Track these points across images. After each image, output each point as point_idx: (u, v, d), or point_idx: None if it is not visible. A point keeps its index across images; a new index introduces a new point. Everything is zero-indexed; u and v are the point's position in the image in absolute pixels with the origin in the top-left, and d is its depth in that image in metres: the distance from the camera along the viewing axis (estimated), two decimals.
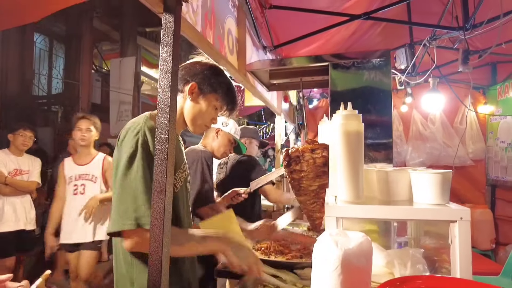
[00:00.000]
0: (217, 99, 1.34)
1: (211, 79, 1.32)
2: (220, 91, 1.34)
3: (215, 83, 1.32)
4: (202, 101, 1.31)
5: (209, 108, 1.32)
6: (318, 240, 0.92)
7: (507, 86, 4.28)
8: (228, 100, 1.37)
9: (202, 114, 1.32)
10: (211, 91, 1.31)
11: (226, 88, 1.35)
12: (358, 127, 1.18)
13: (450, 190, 1.12)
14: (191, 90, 1.28)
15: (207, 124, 1.36)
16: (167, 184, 0.94)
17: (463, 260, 0.97)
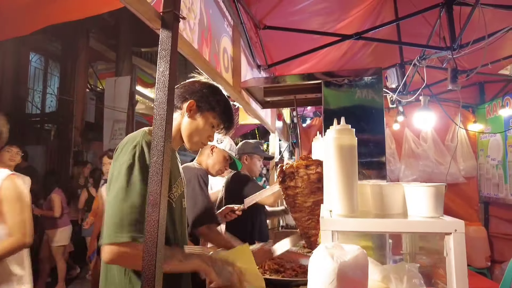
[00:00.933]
0: (215, 117, 1.36)
1: (209, 97, 1.34)
2: (218, 109, 1.36)
3: (213, 101, 1.35)
4: (199, 118, 1.33)
5: (206, 125, 1.34)
6: (313, 253, 0.91)
7: (495, 105, 4.39)
8: (225, 119, 1.39)
9: (199, 131, 1.33)
10: (208, 109, 1.34)
11: (223, 107, 1.38)
12: (352, 141, 1.19)
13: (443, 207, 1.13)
14: (189, 107, 1.31)
15: (204, 141, 1.38)
16: (162, 197, 0.93)
17: (459, 272, 0.97)
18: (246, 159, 2.85)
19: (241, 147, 2.89)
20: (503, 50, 3.38)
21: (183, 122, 1.33)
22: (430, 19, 2.92)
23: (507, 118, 4.14)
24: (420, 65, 2.93)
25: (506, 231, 4.27)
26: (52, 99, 8.52)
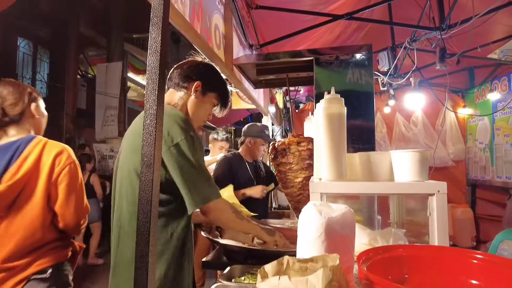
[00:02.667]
0: (216, 98, 1.47)
1: (214, 79, 1.47)
2: (220, 90, 1.47)
3: (217, 84, 1.47)
4: (203, 98, 1.44)
5: (208, 104, 1.46)
6: (302, 210, 0.95)
7: (483, 89, 4.47)
8: (225, 100, 1.51)
9: (202, 109, 1.45)
10: (212, 90, 1.44)
11: (224, 88, 1.50)
12: (340, 110, 1.23)
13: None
14: (196, 88, 1.40)
15: (205, 119, 1.49)
16: (156, 158, 0.96)
17: (441, 229, 1.02)
18: (249, 142, 2.84)
19: (246, 129, 2.88)
20: (492, 34, 3.43)
21: (189, 101, 1.42)
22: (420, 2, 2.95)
23: (495, 102, 4.23)
24: (411, 47, 2.96)
25: (491, 212, 4.40)
26: (42, 86, 8.39)
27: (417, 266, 0.92)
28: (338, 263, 0.71)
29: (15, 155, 1.42)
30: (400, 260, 0.93)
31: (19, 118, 1.51)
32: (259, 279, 0.76)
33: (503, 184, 4.09)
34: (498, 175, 4.18)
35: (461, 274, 0.88)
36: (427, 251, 0.95)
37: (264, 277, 0.77)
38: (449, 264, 0.90)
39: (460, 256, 0.91)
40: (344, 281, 0.71)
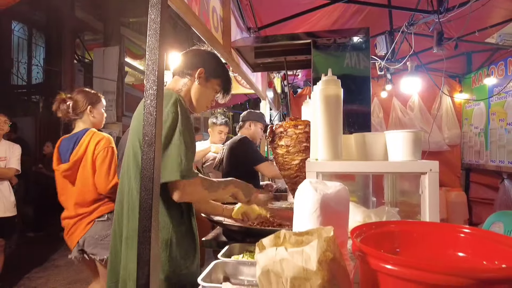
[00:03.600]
0: (219, 84, 1.52)
1: (217, 66, 1.51)
2: (222, 77, 1.53)
3: (219, 71, 1.52)
4: (207, 84, 1.48)
5: (211, 91, 1.51)
6: (299, 187, 0.99)
7: (480, 74, 4.48)
8: (227, 86, 1.56)
9: (205, 96, 1.50)
10: (215, 77, 1.49)
11: (226, 75, 1.55)
12: (337, 91, 1.25)
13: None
14: (199, 75, 1.45)
15: (208, 105, 1.54)
16: (156, 137, 0.98)
17: (432, 207, 1.06)
18: (250, 125, 3.04)
19: (246, 115, 3.10)
20: (490, 18, 3.42)
21: (193, 87, 1.47)
22: None
23: (491, 87, 4.25)
24: (409, 31, 2.96)
25: (484, 195, 4.49)
26: (39, 71, 8.30)
27: (408, 240, 0.96)
28: (332, 234, 0.75)
29: (76, 142, 2.19)
30: (392, 235, 0.97)
31: (82, 116, 2.27)
32: (257, 251, 0.80)
33: (496, 168, 4.15)
34: (491, 159, 4.24)
35: (449, 247, 0.93)
36: (418, 227, 1.00)
37: (262, 249, 0.81)
38: (438, 239, 0.95)
39: (448, 231, 0.95)
40: (338, 252, 0.75)
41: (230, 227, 1.78)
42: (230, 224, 1.80)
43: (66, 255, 2.45)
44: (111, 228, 1.87)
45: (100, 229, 2.20)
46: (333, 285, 0.72)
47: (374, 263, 0.74)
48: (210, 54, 1.55)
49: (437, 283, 0.66)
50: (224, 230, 1.87)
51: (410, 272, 0.68)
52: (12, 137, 5.06)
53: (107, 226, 2.18)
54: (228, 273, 1.40)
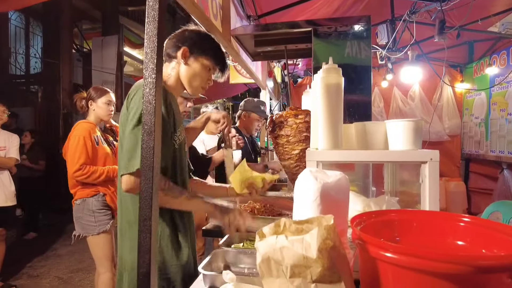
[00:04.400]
0: (208, 59, 1.41)
1: (200, 42, 1.40)
2: (210, 52, 1.41)
3: (204, 46, 1.41)
4: (194, 64, 1.39)
5: (202, 69, 1.41)
6: (299, 176, 0.98)
7: (482, 64, 4.45)
8: (218, 61, 1.45)
9: (196, 76, 1.40)
10: (201, 54, 1.39)
11: (215, 49, 1.44)
12: (338, 80, 1.24)
13: None
14: (183, 54, 1.37)
15: (203, 85, 1.45)
16: (156, 125, 0.98)
17: (432, 196, 1.06)
18: (244, 116, 2.92)
19: (242, 104, 2.95)
20: (493, 7, 3.37)
21: (181, 69, 1.39)
22: None
23: (493, 76, 4.22)
24: (410, 20, 2.92)
25: (483, 185, 4.50)
26: (37, 60, 8.22)
27: (407, 229, 0.96)
28: (332, 223, 0.75)
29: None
30: (391, 223, 0.97)
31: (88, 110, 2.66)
32: (258, 239, 0.81)
33: (496, 158, 4.16)
34: (491, 150, 4.24)
35: (448, 236, 0.93)
36: (417, 215, 1.00)
37: (262, 237, 0.81)
38: (437, 227, 0.95)
39: (448, 220, 0.95)
40: (338, 240, 0.75)
41: None
42: None
43: (67, 244, 2.54)
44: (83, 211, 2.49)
45: (75, 210, 2.55)
46: (333, 273, 0.73)
47: (373, 251, 0.74)
48: (192, 31, 1.43)
49: (436, 271, 0.66)
50: None
51: (409, 260, 0.68)
52: (12, 128, 5.05)
53: (80, 209, 2.52)
54: (229, 262, 1.42)
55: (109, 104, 2.69)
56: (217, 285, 1.18)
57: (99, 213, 2.51)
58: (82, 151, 2.45)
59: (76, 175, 2.45)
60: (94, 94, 2.66)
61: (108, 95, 2.69)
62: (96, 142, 2.58)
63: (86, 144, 2.48)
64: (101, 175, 2.51)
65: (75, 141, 2.48)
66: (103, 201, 2.56)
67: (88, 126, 2.58)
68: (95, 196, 2.53)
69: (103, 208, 2.55)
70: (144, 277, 0.91)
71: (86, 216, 2.50)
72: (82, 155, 2.45)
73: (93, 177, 2.47)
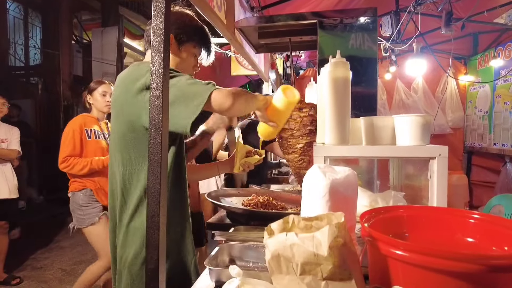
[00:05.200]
0: (195, 46, 1.35)
1: (186, 27, 1.32)
2: (196, 37, 1.35)
3: (190, 31, 1.33)
4: (181, 51, 1.33)
5: (189, 56, 1.35)
6: (308, 172, 0.98)
7: (487, 56, 4.40)
8: (205, 45, 1.38)
9: (184, 64, 1.34)
10: (188, 40, 1.32)
11: (200, 33, 1.37)
12: (345, 74, 1.22)
13: None
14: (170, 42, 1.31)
15: (190, 73, 1.38)
16: (163, 120, 0.97)
17: (440, 192, 1.05)
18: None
19: None
20: None
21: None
22: None
23: (498, 69, 4.18)
24: (415, 11, 2.88)
25: (485, 178, 4.50)
26: (36, 52, 8.16)
27: (416, 225, 0.96)
28: (343, 220, 0.74)
29: None
30: (400, 219, 0.97)
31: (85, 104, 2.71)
32: (266, 236, 0.80)
33: (499, 151, 4.15)
34: (495, 143, 4.23)
35: (457, 232, 0.93)
36: (426, 211, 0.99)
37: (271, 234, 0.81)
38: (446, 223, 0.95)
39: (457, 216, 0.95)
40: (348, 237, 0.74)
41: (234, 210, 1.79)
42: (234, 207, 1.81)
43: (70, 236, 2.59)
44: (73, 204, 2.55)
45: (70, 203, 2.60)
46: (343, 270, 0.72)
47: (384, 248, 0.74)
48: (177, 14, 1.33)
49: (446, 269, 0.66)
50: (228, 213, 1.88)
51: (419, 258, 0.68)
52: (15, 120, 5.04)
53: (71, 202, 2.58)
54: (234, 256, 1.42)
55: (104, 95, 2.66)
56: (223, 280, 1.18)
57: (86, 207, 2.54)
58: (69, 144, 2.49)
59: (61, 167, 2.50)
60: (92, 87, 2.68)
61: (103, 86, 2.67)
62: (88, 135, 2.58)
63: (74, 136, 2.51)
64: (84, 167, 2.50)
65: (64, 134, 2.55)
66: (90, 195, 2.57)
67: (83, 119, 2.61)
68: (82, 191, 2.56)
69: (91, 203, 2.57)
70: (153, 273, 0.91)
71: (76, 209, 2.56)
72: (68, 148, 2.49)
73: (76, 169, 2.49)
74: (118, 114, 1.26)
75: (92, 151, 2.59)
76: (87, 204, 2.55)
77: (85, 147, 2.56)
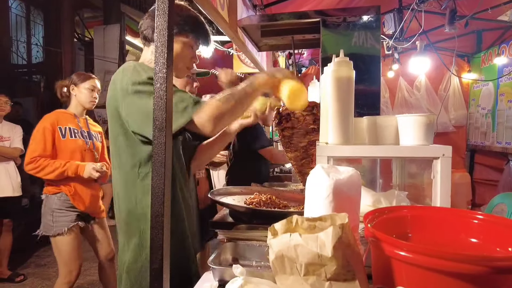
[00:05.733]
0: (188, 36, 1.29)
1: (178, 19, 1.26)
2: (188, 27, 1.28)
3: (181, 21, 1.27)
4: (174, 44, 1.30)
5: (184, 49, 1.30)
6: (311, 172, 0.98)
7: (490, 54, 4.38)
8: (199, 34, 1.32)
9: (179, 57, 1.29)
10: (179, 32, 1.26)
11: (192, 23, 1.30)
12: (349, 73, 1.22)
13: None
14: None
15: (188, 65, 1.35)
16: (167, 121, 0.97)
17: (443, 192, 1.05)
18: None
19: None
20: None
21: None
22: None
23: (501, 66, 4.16)
24: (419, 9, 2.86)
25: (488, 177, 4.49)
26: (38, 50, 8.17)
27: (419, 225, 0.96)
28: (347, 221, 0.75)
29: None
30: (404, 219, 0.97)
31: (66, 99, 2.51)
32: (270, 236, 0.80)
33: (503, 149, 4.13)
34: (498, 141, 4.21)
35: (461, 232, 0.93)
36: (430, 212, 1.00)
37: (274, 234, 0.81)
38: (450, 224, 0.95)
39: (461, 216, 0.95)
40: (352, 238, 0.75)
41: (236, 208, 1.79)
42: (236, 205, 1.81)
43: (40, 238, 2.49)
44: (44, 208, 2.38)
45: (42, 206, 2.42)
46: (347, 271, 0.73)
47: (387, 249, 0.74)
48: None
49: (450, 271, 0.66)
50: (231, 211, 1.88)
51: (423, 259, 0.68)
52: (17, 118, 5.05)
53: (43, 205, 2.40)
54: (237, 255, 1.43)
55: (93, 90, 2.44)
56: (227, 279, 1.19)
57: (59, 213, 2.32)
58: (39, 143, 2.26)
59: (27, 168, 2.26)
60: (77, 78, 2.44)
61: (92, 81, 2.46)
62: (63, 134, 2.34)
63: (45, 135, 2.27)
64: (55, 169, 2.25)
65: (35, 132, 2.31)
66: (65, 200, 2.34)
67: (57, 116, 2.38)
68: (57, 194, 2.34)
69: (64, 209, 2.34)
70: (157, 273, 0.92)
71: (46, 214, 2.35)
72: (38, 147, 2.25)
73: (45, 171, 2.25)
74: (112, 116, 1.26)
75: (68, 152, 2.35)
76: (60, 210, 2.33)
77: (58, 147, 2.33)
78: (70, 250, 2.34)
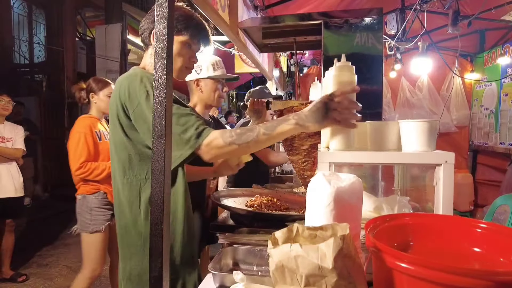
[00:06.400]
0: (183, 35, 1.26)
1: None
2: (180, 26, 1.25)
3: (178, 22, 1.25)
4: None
5: (181, 48, 1.27)
6: (312, 180, 0.97)
7: (493, 53, 4.34)
8: (195, 33, 1.28)
9: (178, 58, 1.27)
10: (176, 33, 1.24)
11: (185, 22, 1.26)
12: (351, 78, 1.21)
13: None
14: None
15: (187, 65, 1.32)
16: (167, 128, 0.96)
17: (446, 199, 1.04)
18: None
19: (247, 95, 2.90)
20: None
21: None
22: None
23: (505, 66, 4.12)
24: (421, 9, 2.84)
25: (491, 177, 4.46)
26: (40, 49, 8.18)
27: (422, 233, 0.95)
28: (348, 232, 0.74)
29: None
30: (405, 227, 0.96)
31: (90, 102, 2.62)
32: (270, 245, 0.80)
33: (506, 150, 4.10)
34: (501, 141, 4.18)
35: (464, 241, 0.91)
36: (432, 220, 0.98)
37: (275, 243, 0.80)
38: (453, 232, 0.93)
39: (463, 225, 0.94)
40: (353, 249, 0.74)
41: (237, 211, 1.79)
42: (237, 208, 1.80)
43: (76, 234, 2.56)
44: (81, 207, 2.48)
45: (77, 205, 2.52)
46: (348, 283, 0.72)
47: (388, 260, 0.73)
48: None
49: (453, 284, 0.65)
50: (232, 214, 1.88)
51: (425, 271, 0.67)
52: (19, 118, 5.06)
53: (80, 204, 2.49)
54: (237, 259, 1.42)
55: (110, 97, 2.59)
56: (227, 285, 1.18)
57: (97, 211, 2.46)
58: (83, 149, 2.41)
59: (78, 173, 2.42)
60: (95, 86, 2.59)
61: (110, 87, 2.61)
62: (99, 137, 2.52)
63: (87, 141, 2.43)
64: (103, 171, 2.45)
65: (76, 139, 2.44)
66: (103, 199, 2.50)
67: (90, 122, 2.53)
68: (95, 194, 2.48)
69: (102, 207, 2.49)
70: (156, 281, 0.91)
71: (84, 212, 2.47)
72: (83, 153, 2.41)
73: (95, 174, 2.43)
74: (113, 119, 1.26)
75: (106, 153, 2.50)
76: (98, 208, 2.47)
77: (97, 150, 2.49)
78: (101, 248, 2.47)
